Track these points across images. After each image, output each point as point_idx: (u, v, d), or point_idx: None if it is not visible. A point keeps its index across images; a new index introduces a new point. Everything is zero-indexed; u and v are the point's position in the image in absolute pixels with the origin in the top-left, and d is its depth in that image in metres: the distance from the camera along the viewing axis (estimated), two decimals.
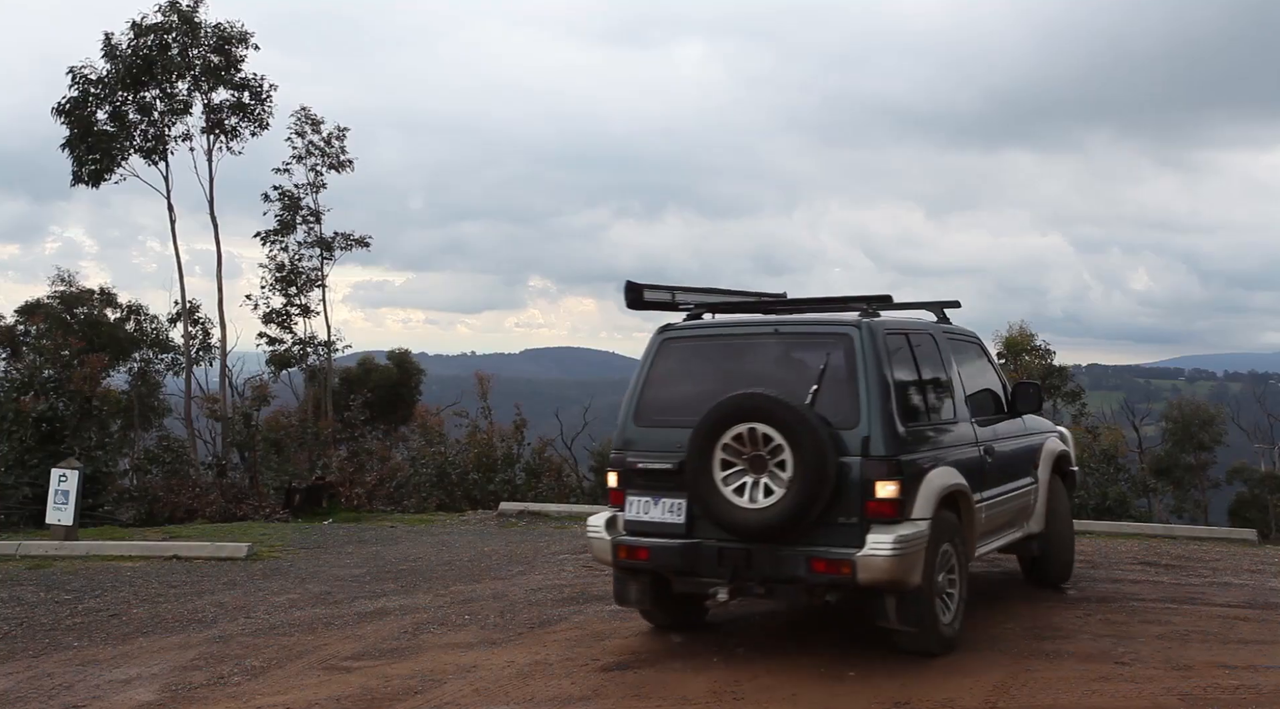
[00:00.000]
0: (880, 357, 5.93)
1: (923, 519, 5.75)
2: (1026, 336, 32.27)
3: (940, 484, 5.95)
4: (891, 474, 5.66)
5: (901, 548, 5.55)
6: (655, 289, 6.57)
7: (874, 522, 5.63)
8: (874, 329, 6.05)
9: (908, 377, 6.25)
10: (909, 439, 5.92)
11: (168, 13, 24.08)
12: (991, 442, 6.95)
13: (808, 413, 5.69)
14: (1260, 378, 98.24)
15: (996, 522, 6.92)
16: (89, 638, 7.40)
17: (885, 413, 5.79)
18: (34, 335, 24.03)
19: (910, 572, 5.62)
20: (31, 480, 16.52)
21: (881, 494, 5.65)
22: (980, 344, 7.76)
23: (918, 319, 7.09)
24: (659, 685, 5.68)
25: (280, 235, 28.01)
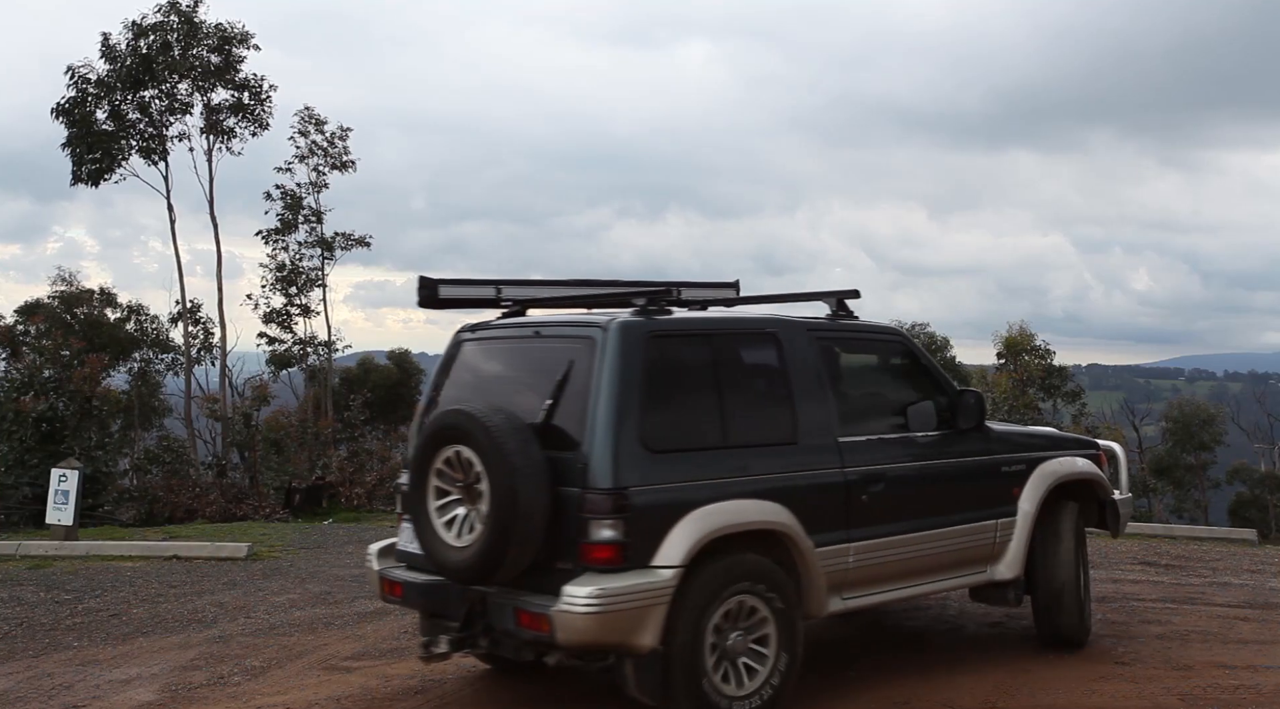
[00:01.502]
0: (626, 364, 4.76)
1: (668, 567, 4.57)
2: (1026, 337, 32.27)
3: (712, 525, 4.70)
4: (613, 511, 4.52)
5: (607, 603, 4.42)
6: (467, 284, 5.59)
7: (591, 569, 4.53)
8: (626, 330, 4.85)
9: (687, 389, 5.04)
10: (658, 466, 4.70)
11: (168, 13, 24.07)
12: (883, 466, 5.46)
13: (503, 434, 4.62)
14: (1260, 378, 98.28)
15: (894, 568, 5.52)
16: (89, 638, 7.40)
17: (616, 434, 4.63)
18: (34, 335, 24.01)
19: (631, 632, 4.51)
20: (31, 480, 16.52)
21: (597, 535, 4.52)
22: (902, 343, 6.12)
23: (758, 314, 5.86)
24: None
25: (281, 235, 28.00)
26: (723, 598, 4.74)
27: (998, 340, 32.66)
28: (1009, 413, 29.00)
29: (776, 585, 4.91)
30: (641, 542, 4.58)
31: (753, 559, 4.88)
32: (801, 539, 5.01)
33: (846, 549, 5.27)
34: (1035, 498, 6.10)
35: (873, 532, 5.37)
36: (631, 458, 4.64)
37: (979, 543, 5.91)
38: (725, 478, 4.90)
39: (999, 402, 29.81)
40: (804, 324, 5.60)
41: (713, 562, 4.72)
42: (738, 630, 4.81)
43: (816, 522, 5.11)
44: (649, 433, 4.73)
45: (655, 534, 4.61)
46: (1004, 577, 5.99)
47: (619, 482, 4.58)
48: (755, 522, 4.89)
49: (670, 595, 4.57)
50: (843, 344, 5.87)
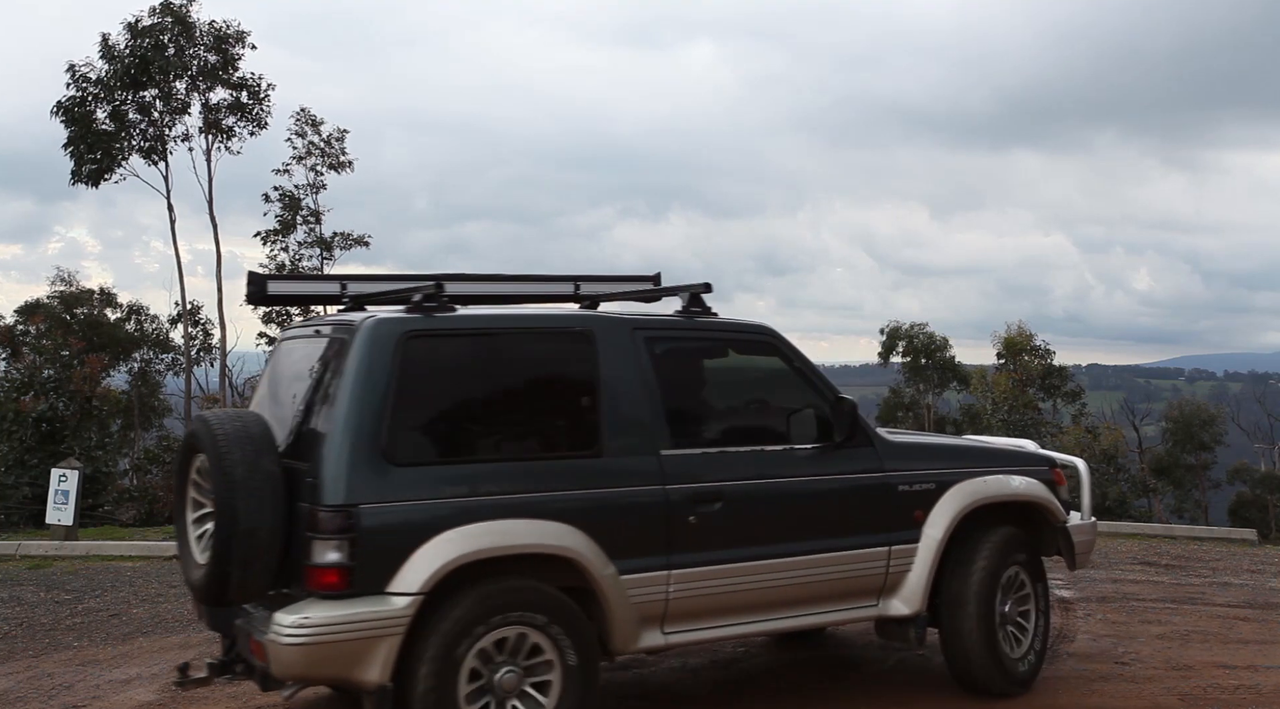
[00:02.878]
0: (371, 368, 4.27)
1: (403, 595, 4.08)
2: (1026, 337, 32.30)
3: (465, 548, 4.17)
4: (339, 530, 4.04)
5: (316, 634, 3.96)
6: (304, 279, 5.01)
7: (315, 594, 4.06)
8: (374, 330, 4.35)
9: (456, 394, 4.50)
10: (403, 482, 4.19)
11: (162, 13, 24.08)
12: (720, 484, 4.75)
13: (229, 443, 4.18)
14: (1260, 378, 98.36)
15: (737, 600, 4.78)
16: (89, 638, 7.40)
17: (350, 444, 4.16)
18: (34, 335, 24.02)
19: (352, 666, 4.04)
20: (31, 480, 16.55)
21: (321, 558, 4.05)
22: (768, 344, 5.22)
23: (571, 310, 5.23)
24: (660, 686, 5.68)
25: (280, 235, 28.02)
26: (479, 631, 4.19)
27: (997, 341, 32.68)
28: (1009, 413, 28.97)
29: (559, 616, 4.31)
30: (374, 566, 4.07)
31: (523, 587, 4.30)
32: (596, 565, 4.38)
33: (665, 577, 4.57)
34: (945, 522, 5.20)
35: (703, 558, 4.65)
36: (367, 471, 4.13)
37: (863, 573, 5.06)
38: (494, 495, 4.31)
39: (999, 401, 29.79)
40: (628, 321, 4.89)
41: (471, 590, 4.21)
42: (509, 667, 4.24)
43: (622, 546, 4.47)
44: (395, 444, 4.20)
45: (392, 558, 4.10)
46: (899, 612, 5.14)
47: (347, 498, 4.07)
48: (526, 545, 4.30)
49: (404, 626, 4.06)
50: (684, 344, 5.10)
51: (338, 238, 28.46)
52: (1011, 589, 5.40)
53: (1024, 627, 5.44)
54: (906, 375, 37.63)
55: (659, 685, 5.69)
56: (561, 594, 4.37)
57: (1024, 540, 5.49)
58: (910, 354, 36.95)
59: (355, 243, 28.61)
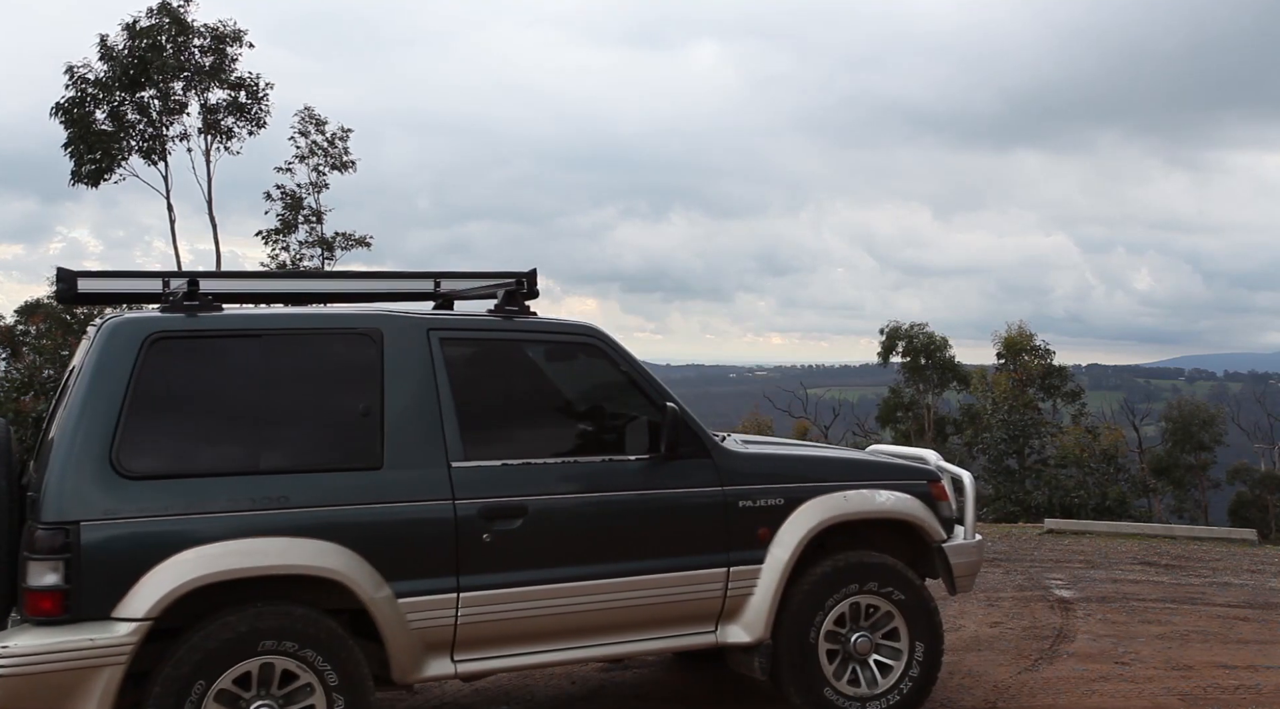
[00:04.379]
0: (105, 372, 3.95)
1: (130, 620, 3.72)
2: (1026, 337, 32.31)
3: (202, 569, 3.82)
4: (55, 550, 3.69)
5: (16, 665, 3.60)
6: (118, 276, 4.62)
7: (33, 621, 3.71)
8: (113, 332, 4.04)
9: (209, 401, 4.13)
10: (137, 496, 3.84)
11: (159, 14, 24.10)
12: (521, 498, 4.37)
13: None
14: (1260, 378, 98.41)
15: (541, 625, 4.40)
16: None
17: (73, 455, 3.82)
18: (34, 335, 24.01)
19: (61, 701, 3.68)
20: None
21: (38, 580, 3.69)
22: (592, 346, 4.79)
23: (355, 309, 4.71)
24: (659, 685, 5.68)
25: (281, 235, 28.01)
26: (223, 665, 3.83)
27: (998, 340, 32.69)
28: (1009, 413, 28.98)
29: (321, 645, 3.96)
30: (96, 589, 3.71)
31: (277, 612, 3.95)
32: (367, 587, 4.04)
33: (451, 600, 4.21)
34: (794, 541, 4.73)
35: (499, 580, 4.29)
36: (92, 485, 3.78)
37: (695, 596, 4.63)
38: (246, 510, 3.95)
39: (999, 402, 29.80)
40: (423, 321, 4.51)
41: (211, 618, 3.87)
42: (261, 700, 3.90)
43: (400, 566, 4.13)
44: (129, 454, 3.86)
45: (118, 580, 3.74)
46: (739, 640, 4.70)
47: (66, 514, 3.72)
48: (278, 565, 3.94)
49: (126, 656, 3.70)
50: (490, 347, 4.68)
51: (339, 238, 28.46)
52: (861, 619, 4.87)
53: (884, 664, 4.88)
54: (906, 375, 37.62)
55: (654, 684, 5.69)
56: (321, 617, 4.02)
57: (876, 565, 4.89)
58: (910, 354, 36.94)
59: (356, 243, 28.57)
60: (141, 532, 3.81)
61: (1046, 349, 32.40)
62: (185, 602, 3.82)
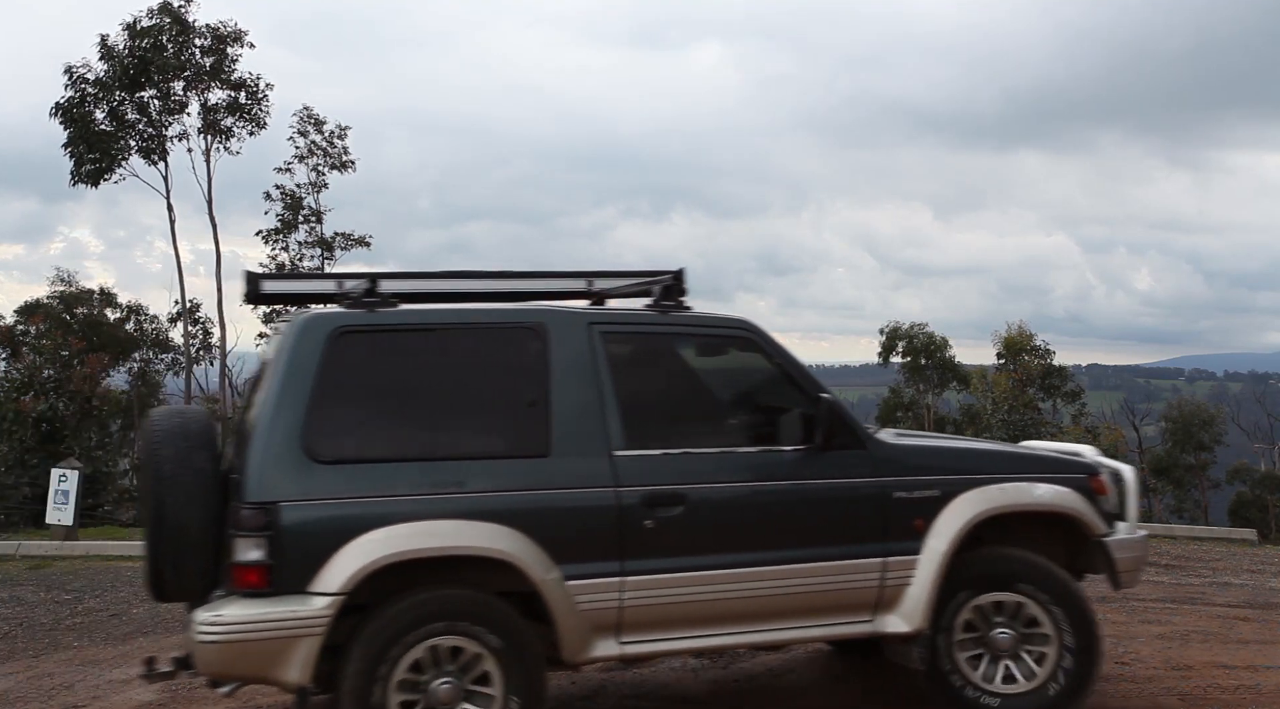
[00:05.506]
0: (297, 365, 4.25)
1: (323, 595, 4.02)
2: (1026, 337, 32.30)
3: (386, 549, 4.09)
4: (258, 528, 4.02)
5: (229, 632, 3.95)
6: (301, 277, 4.86)
7: (240, 593, 4.04)
8: (304, 327, 4.33)
9: (388, 391, 4.41)
10: (327, 479, 4.14)
11: (160, 14, 24.10)
12: (681, 487, 4.49)
13: (161, 439, 4.23)
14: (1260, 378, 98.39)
15: (702, 609, 4.51)
16: (89, 638, 7.40)
17: (271, 442, 4.14)
18: (34, 335, 24.02)
19: (269, 667, 4.00)
20: (31, 480, 16.56)
21: (243, 555, 4.02)
22: (747, 339, 4.90)
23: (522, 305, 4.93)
24: (659, 685, 5.68)
25: (281, 235, 28.03)
26: (410, 638, 4.10)
27: (997, 340, 32.69)
28: (1009, 413, 28.97)
29: (497, 625, 4.19)
30: (294, 565, 4.02)
31: (457, 594, 4.21)
32: (537, 569, 4.22)
33: (617, 584, 4.36)
34: (951, 533, 4.74)
35: (661, 565, 4.42)
36: (288, 469, 4.10)
37: (851, 585, 4.69)
38: (426, 495, 4.21)
39: (999, 401, 29.80)
40: (584, 316, 4.70)
41: (402, 596, 4.14)
42: (445, 677, 4.13)
43: (567, 549, 4.30)
44: (319, 441, 4.15)
45: (313, 557, 4.04)
46: (897, 629, 4.73)
47: (266, 495, 4.04)
48: (455, 547, 4.18)
49: (323, 627, 3.99)
50: (649, 340, 4.86)
51: (338, 238, 28.47)
52: (1005, 614, 4.83)
53: (1023, 661, 4.80)
54: (906, 375, 37.62)
55: (654, 684, 5.70)
56: (500, 601, 4.23)
57: (1019, 560, 4.89)
58: (910, 354, 36.93)
59: (356, 243, 28.64)
60: (333, 512, 4.09)
61: (1046, 349, 32.41)
62: (373, 579, 4.07)
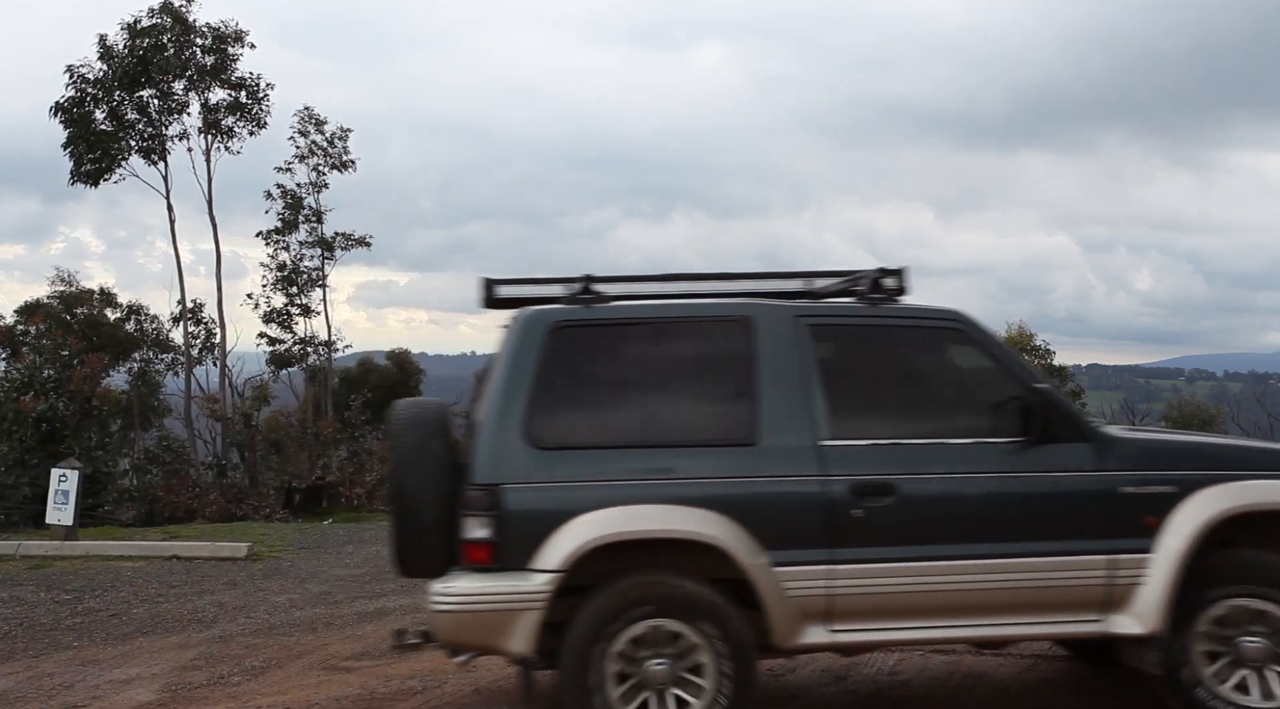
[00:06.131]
0: (520, 357, 4.58)
1: (543, 572, 4.31)
2: (1025, 336, 32.27)
3: (600, 530, 4.32)
4: (485, 508, 4.36)
5: (460, 603, 4.34)
6: (530, 282, 5.17)
7: (469, 568, 4.41)
8: (526, 322, 4.69)
9: (603, 382, 4.69)
10: (547, 464, 4.43)
11: (160, 14, 24.09)
12: (891, 477, 4.56)
13: (403, 426, 4.62)
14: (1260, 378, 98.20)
15: (921, 601, 4.53)
16: (89, 638, 7.40)
17: (497, 428, 4.48)
18: (34, 335, 24.00)
19: (496, 637, 4.35)
20: (31, 480, 16.55)
21: (472, 533, 4.37)
22: (959, 331, 4.91)
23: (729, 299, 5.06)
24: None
25: (282, 235, 28.01)
26: (625, 618, 4.34)
27: None
28: None
29: (707, 609, 4.37)
30: (517, 543, 4.34)
31: (669, 579, 4.41)
32: (744, 555, 4.37)
33: (827, 572, 4.45)
34: (1189, 531, 4.56)
35: (871, 554, 4.49)
36: (511, 454, 4.43)
37: (1074, 582, 4.59)
38: (639, 481, 4.43)
39: None
40: (790, 309, 4.84)
41: (618, 579, 4.37)
42: (660, 658, 4.35)
43: (776, 536, 4.44)
44: (539, 428, 4.46)
45: (534, 536, 4.35)
46: (1129, 630, 4.59)
47: (492, 478, 4.39)
48: (666, 530, 4.37)
49: (543, 602, 4.29)
50: (856, 332, 4.93)
51: (339, 238, 28.46)
52: (1250, 622, 4.63)
53: (1267, 679, 4.59)
54: None
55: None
56: (709, 586, 4.41)
57: (1267, 564, 4.68)
58: None
59: (356, 243, 28.62)
60: (551, 495, 4.40)
61: (1047, 349, 32.37)
62: (588, 560, 4.33)
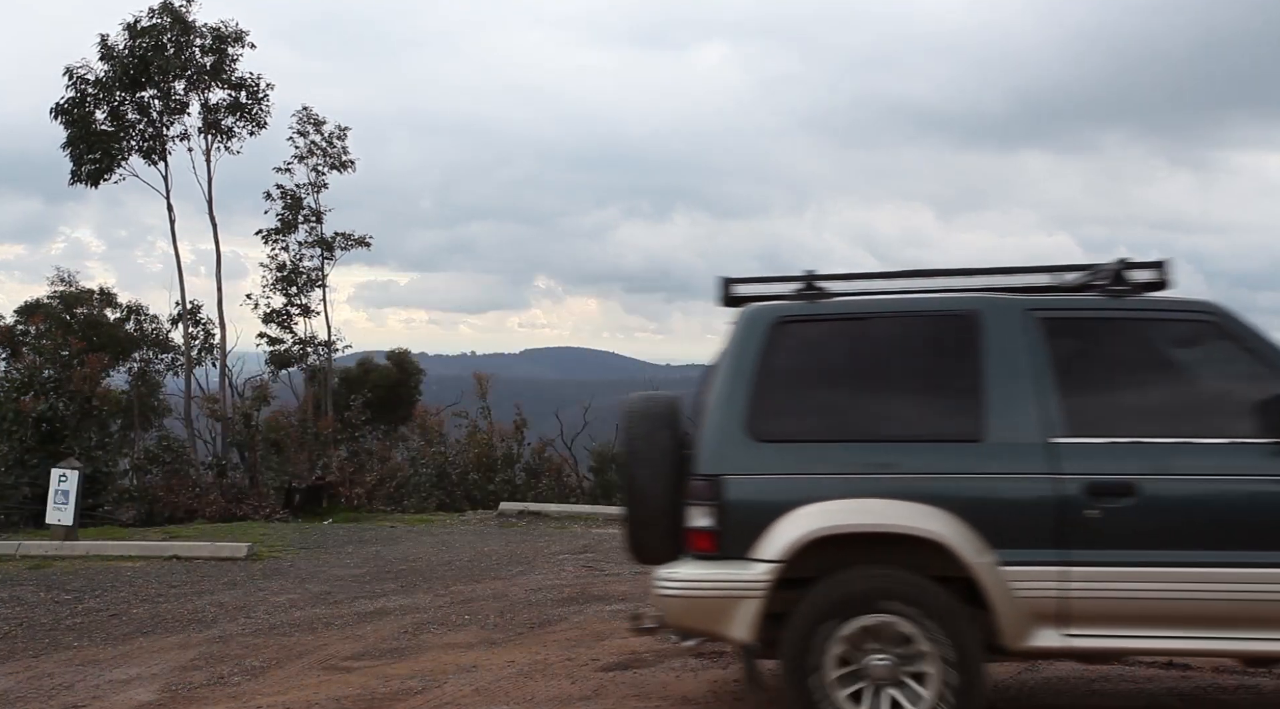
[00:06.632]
0: (741, 351, 4.65)
1: (762, 561, 4.35)
2: None
3: (820, 523, 4.32)
4: (706, 497, 4.44)
5: (684, 589, 4.46)
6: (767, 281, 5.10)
7: (693, 555, 4.51)
8: (747, 318, 4.74)
9: (823, 376, 4.70)
10: (768, 456, 4.48)
11: (160, 14, 24.09)
12: (1131, 477, 4.32)
13: (634, 419, 4.76)
14: None
15: (1167, 609, 4.27)
16: (89, 638, 7.40)
17: (719, 420, 4.55)
18: (34, 335, 24.00)
19: (718, 622, 4.42)
20: (31, 480, 16.55)
21: (695, 522, 4.48)
22: (1211, 325, 4.59)
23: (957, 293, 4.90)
24: (659, 685, 5.68)
25: (281, 235, 28.01)
26: (849, 611, 4.31)
27: None
28: None
29: (932, 607, 4.27)
30: (738, 532, 4.41)
31: (892, 574, 4.34)
32: (969, 553, 4.26)
33: (1059, 573, 4.27)
34: None
35: (1107, 557, 4.27)
36: (733, 445, 4.49)
37: None
38: (860, 475, 4.40)
39: None
40: (1020, 303, 4.68)
41: (839, 568, 4.36)
42: (881, 654, 4.31)
43: (1001, 535, 4.29)
44: (760, 421, 4.51)
45: (754, 526, 4.40)
46: None
47: (714, 469, 4.47)
48: (888, 525, 4.32)
49: (763, 591, 4.34)
50: (1096, 327, 4.68)
51: (339, 238, 28.47)
52: None
53: None
54: None
55: (655, 684, 5.69)
56: (934, 584, 4.32)
57: None
58: None
59: (356, 243, 28.64)
60: (772, 487, 4.46)
61: None
62: (808, 552, 4.33)
